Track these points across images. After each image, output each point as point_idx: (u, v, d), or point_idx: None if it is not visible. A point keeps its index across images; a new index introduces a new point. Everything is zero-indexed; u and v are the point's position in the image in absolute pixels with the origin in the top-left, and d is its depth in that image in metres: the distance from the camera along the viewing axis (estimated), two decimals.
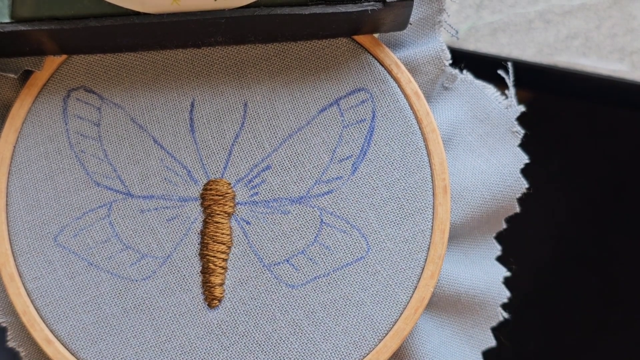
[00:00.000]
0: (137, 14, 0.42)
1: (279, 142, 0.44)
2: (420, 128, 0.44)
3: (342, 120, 0.44)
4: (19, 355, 0.46)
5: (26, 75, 0.45)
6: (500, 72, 0.48)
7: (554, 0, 0.56)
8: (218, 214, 0.44)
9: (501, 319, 0.49)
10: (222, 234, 0.44)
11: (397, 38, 0.47)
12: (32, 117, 0.44)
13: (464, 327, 0.48)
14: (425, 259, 0.43)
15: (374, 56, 0.45)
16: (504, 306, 0.49)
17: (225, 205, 0.44)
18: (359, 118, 0.44)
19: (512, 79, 0.48)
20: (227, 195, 0.44)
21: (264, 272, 0.43)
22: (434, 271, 0.43)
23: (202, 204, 0.44)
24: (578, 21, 0.56)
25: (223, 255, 0.43)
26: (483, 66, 0.52)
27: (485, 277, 0.48)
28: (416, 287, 0.43)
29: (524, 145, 0.48)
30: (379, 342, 0.43)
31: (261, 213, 0.44)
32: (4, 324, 0.45)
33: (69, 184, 0.44)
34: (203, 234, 0.44)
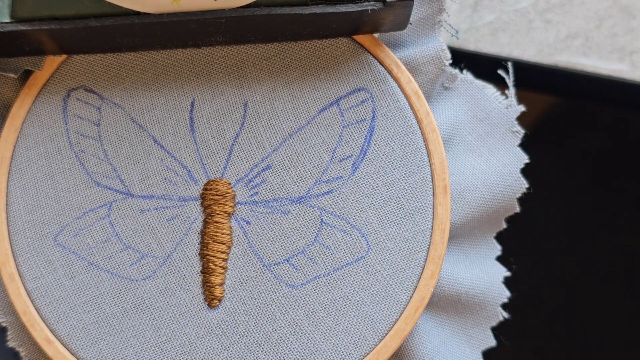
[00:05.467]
0: (137, 13, 0.42)
1: (279, 141, 0.44)
2: (420, 128, 0.44)
3: (342, 120, 0.44)
4: (19, 355, 0.46)
5: (26, 75, 0.45)
6: (501, 72, 0.48)
7: (554, 0, 0.56)
8: (218, 214, 0.44)
9: (501, 318, 0.48)
10: (222, 233, 0.44)
11: (397, 38, 0.47)
12: (32, 117, 0.44)
13: (464, 327, 0.48)
14: (426, 259, 0.43)
15: (374, 56, 0.45)
16: (504, 306, 0.49)
17: (225, 205, 0.44)
18: (359, 118, 0.44)
19: (512, 78, 0.48)
20: (227, 195, 0.44)
21: (264, 272, 0.43)
22: (434, 271, 0.43)
23: (202, 204, 0.44)
24: (578, 21, 0.56)
25: (223, 255, 0.43)
26: (483, 66, 0.52)
27: (485, 277, 0.48)
28: (416, 287, 0.43)
29: (524, 145, 0.48)
30: (379, 342, 0.43)
31: (261, 213, 0.44)
32: (4, 324, 0.45)
33: (69, 183, 0.44)
34: (203, 233, 0.44)
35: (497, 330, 0.49)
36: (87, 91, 0.44)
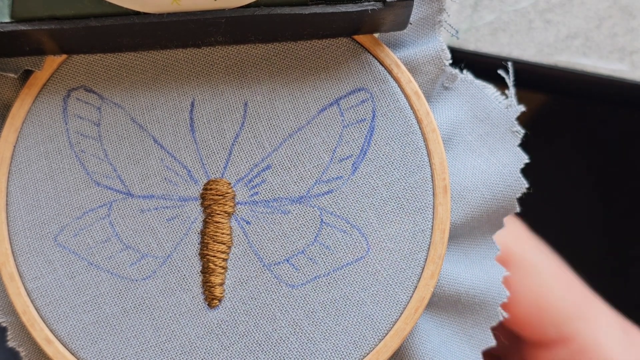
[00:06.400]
0: (137, 13, 0.42)
1: (279, 141, 0.44)
2: (420, 128, 0.44)
3: (342, 120, 0.44)
4: (19, 355, 0.46)
5: (26, 75, 0.45)
6: (501, 72, 0.48)
7: (554, 0, 0.56)
8: (218, 214, 0.44)
9: (501, 318, 0.48)
10: (222, 233, 0.44)
11: (397, 38, 0.47)
12: (32, 116, 0.44)
13: (464, 327, 0.48)
14: (426, 259, 0.43)
15: (374, 56, 0.45)
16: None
17: (226, 205, 0.44)
18: (359, 118, 0.44)
19: (512, 78, 0.48)
20: (227, 195, 0.44)
21: (264, 271, 0.43)
22: (434, 271, 0.43)
23: (202, 204, 0.44)
24: (578, 21, 0.56)
25: (223, 255, 0.43)
26: (483, 66, 0.52)
27: (485, 277, 0.48)
28: (416, 286, 0.43)
29: (523, 144, 0.48)
30: (379, 342, 0.43)
31: (261, 213, 0.44)
32: (4, 324, 0.45)
33: (69, 183, 0.44)
34: (203, 233, 0.44)
35: (497, 330, 0.49)
36: (87, 91, 0.44)
